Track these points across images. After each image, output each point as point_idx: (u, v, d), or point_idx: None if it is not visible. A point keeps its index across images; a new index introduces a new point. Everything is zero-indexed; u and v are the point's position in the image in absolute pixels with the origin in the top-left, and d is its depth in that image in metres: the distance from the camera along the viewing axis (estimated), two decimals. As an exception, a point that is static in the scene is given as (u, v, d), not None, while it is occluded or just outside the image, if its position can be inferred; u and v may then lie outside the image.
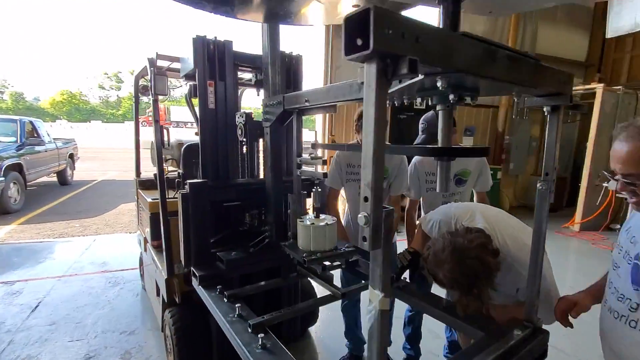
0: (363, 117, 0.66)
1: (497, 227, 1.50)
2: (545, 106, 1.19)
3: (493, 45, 0.82)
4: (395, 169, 2.18)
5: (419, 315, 2.42)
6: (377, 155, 0.65)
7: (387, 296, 0.71)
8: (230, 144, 2.08)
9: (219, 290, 1.63)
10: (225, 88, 2.02)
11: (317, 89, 1.47)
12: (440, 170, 1.04)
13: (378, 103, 0.63)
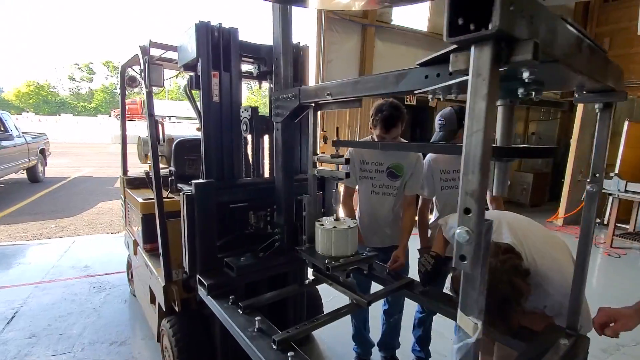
0: (467, 112, 0.55)
1: (525, 242, 1.44)
2: (597, 103, 1.12)
3: (581, 32, 0.73)
4: (411, 167, 2.10)
5: (429, 317, 2.36)
6: (484, 159, 0.54)
7: (482, 323, 0.61)
8: (235, 140, 1.92)
9: (231, 301, 1.49)
10: (231, 80, 1.86)
11: (342, 81, 1.35)
12: (498, 171, 0.95)
13: (490, 96, 0.52)
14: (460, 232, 0.56)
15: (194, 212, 1.66)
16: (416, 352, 2.43)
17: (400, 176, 2.12)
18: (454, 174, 2.10)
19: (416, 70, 1.09)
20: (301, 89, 1.55)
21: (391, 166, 2.09)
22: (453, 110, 2.02)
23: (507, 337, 1.31)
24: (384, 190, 2.12)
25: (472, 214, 0.55)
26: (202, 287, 1.63)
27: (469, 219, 0.55)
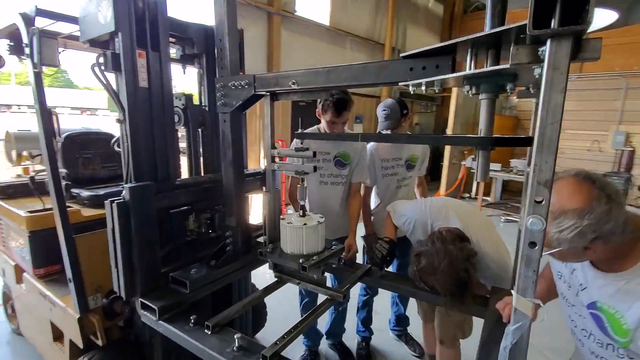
0: (540, 104, 0.57)
1: (469, 225, 1.65)
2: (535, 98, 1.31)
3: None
4: (357, 155, 2.13)
5: (372, 299, 2.50)
6: (553, 150, 0.57)
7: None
8: (169, 134, 1.63)
9: (194, 321, 1.28)
10: (161, 61, 1.56)
11: (311, 69, 1.27)
12: (482, 159, 1.04)
13: (565, 90, 0.55)
14: (533, 221, 0.58)
15: (130, 223, 1.36)
16: (360, 333, 2.56)
17: (348, 164, 2.14)
18: (393, 162, 2.24)
19: (400, 62, 1.09)
20: (257, 76, 1.41)
21: (338, 155, 2.10)
22: (394, 101, 2.14)
23: (465, 307, 1.47)
24: (333, 180, 2.13)
25: (544, 202, 0.58)
26: (148, 312, 1.36)
27: (541, 207, 0.58)
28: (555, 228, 0.89)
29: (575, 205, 0.87)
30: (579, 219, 0.85)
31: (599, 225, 0.84)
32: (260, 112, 5.93)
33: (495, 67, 0.75)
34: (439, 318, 1.91)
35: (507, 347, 0.68)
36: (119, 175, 2.58)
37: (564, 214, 0.87)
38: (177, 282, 1.45)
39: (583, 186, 0.88)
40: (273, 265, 1.58)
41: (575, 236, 0.86)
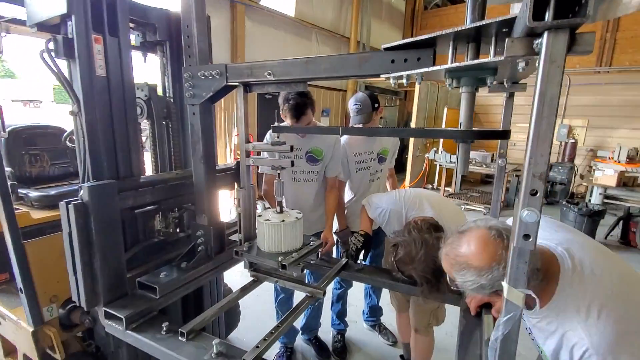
0: (536, 97, 0.56)
1: (442, 214, 1.69)
2: (505, 92, 1.36)
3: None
4: (331, 150, 2.10)
5: (346, 292, 2.51)
6: (548, 143, 0.57)
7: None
8: (131, 127, 1.50)
9: (166, 329, 1.20)
10: (120, 47, 1.42)
11: (288, 60, 1.22)
12: (463, 152, 1.05)
13: (561, 83, 0.55)
14: (528, 213, 0.58)
15: (89, 226, 1.23)
16: (336, 326, 2.56)
17: (320, 160, 2.10)
18: (366, 156, 2.24)
19: (382, 53, 1.07)
20: (229, 66, 1.33)
21: (310, 150, 2.06)
22: (366, 94, 2.13)
23: (441, 295, 1.51)
24: (305, 177, 2.09)
25: (539, 195, 0.58)
26: (114, 322, 1.25)
27: (536, 199, 0.58)
28: (459, 278, 0.99)
29: (477, 263, 0.94)
30: (478, 276, 0.93)
31: (496, 284, 0.91)
32: (224, 105, 5.73)
33: (486, 60, 0.75)
34: (413, 307, 1.95)
35: (497, 338, 0.68)
36: (70, 173, 2.36)
37: (467, 268, 0.95)
38: (145, 287, 1.35)
39: (490, 245, 0.94)
40: (249, 264, 1.52)
41: (475, 289, 0.96)
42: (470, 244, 0.98)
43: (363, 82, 8.65)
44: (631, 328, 0.85)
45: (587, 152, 8.90)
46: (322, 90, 7.92)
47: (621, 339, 0.83)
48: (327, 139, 2.09)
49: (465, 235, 1.02)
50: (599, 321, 0.85)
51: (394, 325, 2.82)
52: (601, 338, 0.84)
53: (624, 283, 0.93)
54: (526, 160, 0.58)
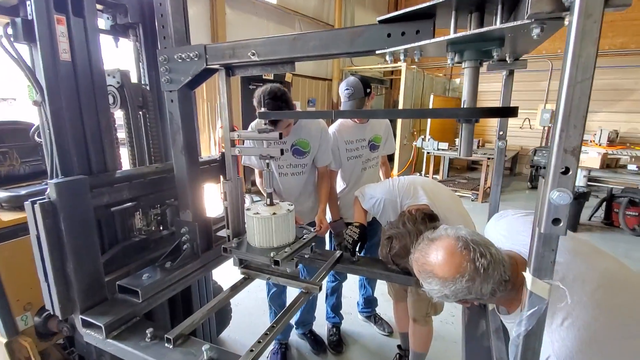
0: (569, 59, 0.48)
1: (436, 200, 1.63)
2: (505, 70, 1.29)
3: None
4: (317, 140, 2.02)
5: (341, 284, 2.45)
6: (582, 113, 0.50)
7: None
8: (103, 118, 1.37)
9: (151, 336, 1.10)
10: (86, 29, 1.28)
11: (273, 38, 1.12)
12: (466, 132, 0.98)
13: (598, 41, 0.47)
14: (560, 195, 0.51)
15: (59, 226, 1.11)
16: (331, 319, 2.51)
17: (307, 152, 2.02)
18: (357, 144, 2.16)
19: (376, 27, 0.98)
20: (208, 46, 1.22)
21: (296, 143, 1.97)
22: (357, 78, 2.04)
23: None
24: (292, 170, 2.00)
25: (571, 172, 0.51)
26: (92, 330, 1.15)
27: (568, 179, 0.51)
28: (426, 285, 0.99)
29: (442, 274, 0.93)
30: (441, 286, 0.93)
31: (459, 295, 0.92)
32: (207, 95, 5.54)
33: (502, 25, 0.67)
34: (411, 297, 1.91)
35: (520, 334, 0.62)
36: (43, 171, 2.20)
37: (432, 277, 0.95)
38: (126, 291, 1.25)
39: (456, 257, 0.92)
40: (239, 261, 1.43)
41: (440, 297, 0.97)
42: (437, 253, 0.97)
43: (349, 71, 8.53)
44: (599, 336, 0.81)
45: (570, 136, 9.07)
46: (307, 80, 7.77)
47: (587, 347, 0.79)
48: (313, 130, 2.00)
49: (434, 243, 1.01)
50: (561, 328, 0.82)
51: (389, 315, 2.79)
52: (563, 345, 0.80)
53: (601, 288, 0.88)
54: (556, 134, 0.51)
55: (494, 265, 0.89)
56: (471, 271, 0.88)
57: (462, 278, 0.89)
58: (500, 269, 0.90)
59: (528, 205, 6.70)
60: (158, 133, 1.68)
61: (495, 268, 0.89)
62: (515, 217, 1.18)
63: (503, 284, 0.90)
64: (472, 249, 0.91)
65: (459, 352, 2.46)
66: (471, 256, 0.90)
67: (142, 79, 1.68)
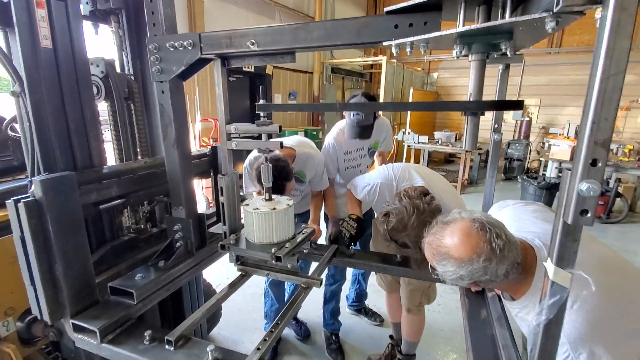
0: (603, 52, 0.49)
1: (431, 183, 1.66)
2: (501, 64, 1.31)
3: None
4: (312, 172, 2.03)
5: (340, 287, 2.44)
6: (614, 105, 0.50)
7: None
8: (88, 109, 1.29)
9: (149, 338, 1.05)
10: (68, 14, 1.19)
11: (274, 27, 1.08)
12: (471, 126, 0.98)
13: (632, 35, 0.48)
14: (589, 187, 0.52)
15: (46, 227, 1.04)
16: (329, 326, 2.46)
17: (304, 182, 2.06)
18: (356, 154, 2.13)
19: (383, 18, 0.97)
20: (203, 35, 1.17)
21: (295, 173, 1.97)
22: (363, 95, 1.94)
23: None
24: (292, 194, 1.99)
25: (600, 165, 0.52)
26: (85, 335, 1.08)
27: (597, 171, 0.52)
28: (440, 268, 0.99)
29: (458, 254, 0.94)
30: (458, 267, 0.93)
31: (475, 276, 0.92)
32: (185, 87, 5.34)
33: (519, 18, 0.67)
34: (405, 288, 1.93)
35: (540, 323, 0.63)
36: (14, 167, 2.05)
37: (448, 258, 0.96)
38: (119, 292, 1.19)
39: (472, 237, 0.93)
40: (235, 258, 1.40)
41: (454, 279, 0.97)
42: (453, 235, 0.97)
43: (329, 64, 8.49)
44: (605, 317, 0.85)
45: (540, 130, 9.48)
46: (288, 73, 7.66)
47: (595, 328, 0.83)
48: (309, 165, 2.01)
49: (449, 226, 1.01)
50: (571, 311, 0.85)
51: (377, 306, 2.83)
52: (573, 327, 0.84)
53: (599, 271, 0.93)
54: (587, 125, 0.51)
55: (509, 246, 0.91)
56: (488, 251, 0.89)
57: (479, 258, 0.89)
58: (514, 251, 0.91)
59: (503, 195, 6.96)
60: (145, 126, 1.60)
61: (511, 249, 0.91)
62: (516, 206, 1.21)
63: (516, 266, 0.92)
64: (488, 229, 0.92)
65: (446, 338, 2.55)
66: (487, 237, 0.90)
67: (127, 68, 1.59)
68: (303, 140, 2.17)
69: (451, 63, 10.44)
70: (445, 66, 10.68)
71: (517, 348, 0.94)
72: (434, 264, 1.02)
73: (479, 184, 7.67)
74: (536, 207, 1.23)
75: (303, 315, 2.68)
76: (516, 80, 9.33)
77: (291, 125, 7.88)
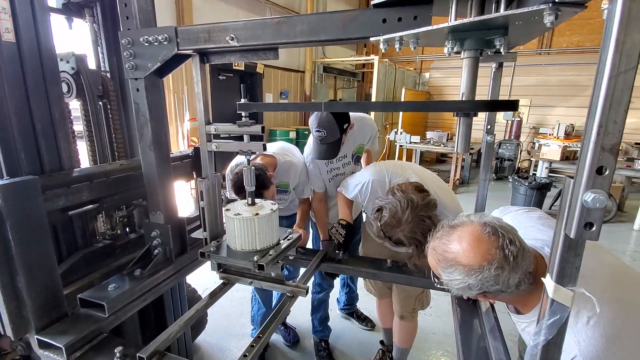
0: (612, 47, 0.43)
1: (426, 179, 1.60)
2: (495, 62, 1.26)
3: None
4: (295, 181, 1.98)
5: (327, 294, 2.37)
6: (624, 106, 0.45)
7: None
8: (56, 108, 1.20)
9: (120, 355, 0.98)
10: (33, 6, 1.10)
11: (255, 21, 1.01)
12: (464, 127, 0.93)
13: None
14: (595, 197, 0.46)
15: (6, 236, 0.95)
16: (318, 333, 2.41)
17: (288, 190, 2.01)
18: (338, 163, 2.02)
19: (371, 11, 0.91)
20: (179, 29, 1.10)
21: (277, 185, 1.92)
22: (330, 115, 1.70)
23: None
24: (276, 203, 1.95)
25: (608, 173, 0.46)
26: (51, 352, 1.00)
27: (604, 179, 0.46)
28: (445, 276, 0.91)
29: (467, 261, 0.86)
30: (466, 275, 0.85)
31: (485, 285, 0.84)
32: (173, 86, 5.24)
33: (516, 11, 0.61)
34: (398, 294, 1.86)
35: (539, 344, 0.58)
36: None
37: (455, 265, 0.87)
38: (89, 304, 1.11)
39: (483, 243, 0.85)
40: (217, 266, 1.32)
41: (462, 289, 0.88)
42: (461, 240, 0.89)
43: (321, 63, 8.43)
44: (622, 332, 0.80)
45: (531, 130, 9.55)
46: (279, 71, 7.57)
47: (612, 344, 0.78)
48: (292, 174, 1.95)
49: (456, 230, 0.93)
50: (587, 327, 0.80)
51: (369, 309, 2.78)
52: (590, 344, 0.79)
53: (613, 283, 0.88)
54: (593, 129, 0.46)
55: (523, 254, 0.83)
56: (500, 259, 0.81)
57: (491, 266, 0.81)
58: (528, 259, 0.84)
59: (494, 195, 6.99)
60: (122, 126, 1.52)
61: (524, 257, 0.83)
62: (519, 212, 1.16)
63: (528, 276, 0.85)
64: (501, 234, 0.84)
65: (438, 342, 2.51)
66: (500, 243, 0.83)
67: (102, 65, 1.50)
68: (286, 146, 2.11)
69: (443, 63, 10.45)
70: (437, 66, 10.70)
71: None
72: (438, 271, 0.94)
73: (470, 184, 7.69)
74: (540, 213, 1.17)
75: (292, 320, 2.61)
76: (507, 81, 9.38)
77: (282, 125, 7.79)
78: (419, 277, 1.46)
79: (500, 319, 1.05)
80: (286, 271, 2.17)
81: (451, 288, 0.91)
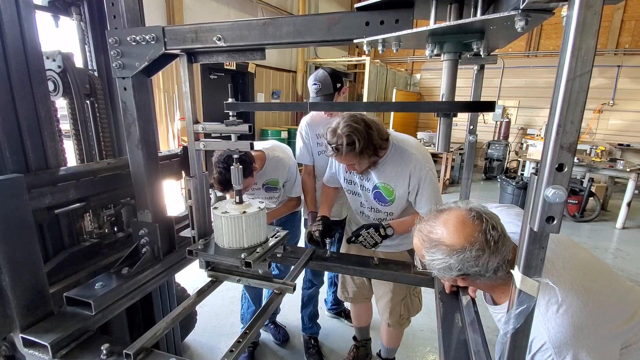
0: (569, 52, 0.46)
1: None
2: (476, 65, 1.29)
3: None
4: (285, 177, 2.02)
5: (317, 290, 2.40)
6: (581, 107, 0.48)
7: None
8: (42, 107, 1.20)
9: (106, 352, 0.98)
10: (18, 6, 1.10)
11: (242, 21, 1.03)
12: (444, 127, 0.96)
13: (597, 34, 0.45)
14: (555, 192, 0.49)
15: (-10, 234, 0.96)
16: (308, 330, 2.43)
17: (278, 188, 2.04)
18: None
19: (354, 14, 0.93)
20: (167, 29, 1.11)
21: (266, 182, 1.97)
22: (326, 72, 1.97)
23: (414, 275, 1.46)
24: (267, 203, 1.96)
25: (566, 170, 0.49)
26: (36, 350, 1.01)
27: (563, 175, 0.49)
28: (428, 256, 0.95)
29: (450, 242, 0.90)
30: (447, 255, 0.90)
31: (465, 266, 0.89)
32: (164, 85, 5.20)
33: (489, 16, 0.64)
34: (381, 301, 1.87)
35: (508, 332, 0.61)
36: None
37: (439, 245, 0.92)
38: (76, 303, 1.11)
39: (467, 226, 0.90)
40: (205, 264, 1.34)
41: (442, 269, 0.93)
42: (447, 223, 0.94)
43: (313, 63, 8.45)
44: (589, 320, 0.84)
45: (519, 130, 9.72)
46: (271, 71, 7.58)
47: (580, 333, 0.82)
48: (281, 170, 1.99)
49: (443, 213, 0.98)
50: (557, 315, 0.84)
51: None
52: (559, 332, 0.83)
53: (583, 274, 0.92)
54: (553, 129, 0.49)
55: (504, 240, 0.88)
56: (482, 242, 0.86)
57: (472, 247, 0.86)
58: (508, 246, 0.89)
59: (483, 194, 7.10)
60: (109, 125, 1.52)
61: (505, 243, 0.88)
62: (499, 209, 1.20)
63: (507, 263, 0.89)
64: (484, 219, 0.89)
65: (425, 338, 2.55)
66: (483, 227, 0.87)
67: (90, 63, 1.50)
68: (277, 144, 2.14)
69: (434, 64, 10.57)
70: (428, 67, 10.81)
71: (489, 354, 0.93)
72: (422, 252, 0.98)
73: (460, 183, 7.78)
74: (518, 210, 1.22)
75: (282, 318, 2.63)
76: (496, 82, 9.54)
77: (274, 124, 7.79)
78: (403, 274, 1.49)
79: (480, 313, 1.09)
80: (276, 270, 2.19)
81: (432, 268, 0.95)
